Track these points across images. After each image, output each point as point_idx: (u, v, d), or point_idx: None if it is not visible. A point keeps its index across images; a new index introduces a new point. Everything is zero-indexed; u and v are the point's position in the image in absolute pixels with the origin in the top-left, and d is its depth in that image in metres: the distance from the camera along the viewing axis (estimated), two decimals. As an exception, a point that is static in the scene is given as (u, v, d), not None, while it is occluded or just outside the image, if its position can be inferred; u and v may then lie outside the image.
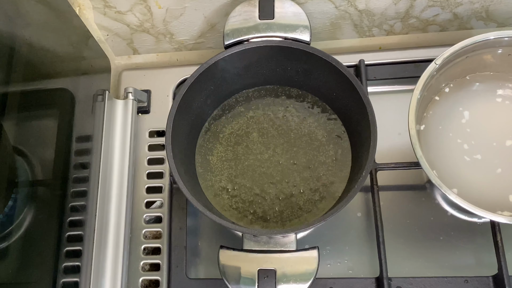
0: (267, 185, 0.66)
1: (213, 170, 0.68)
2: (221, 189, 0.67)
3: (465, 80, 0.68)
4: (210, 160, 0.69)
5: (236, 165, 0.68)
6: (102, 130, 0.71)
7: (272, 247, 0.60)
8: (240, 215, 0.65)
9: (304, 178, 0.66)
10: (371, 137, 0.58)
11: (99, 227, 0.67)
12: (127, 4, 0.73)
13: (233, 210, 0.66)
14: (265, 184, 0.66)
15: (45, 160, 0.61)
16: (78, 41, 0.72)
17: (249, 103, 0.71)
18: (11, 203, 0.54)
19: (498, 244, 0.63)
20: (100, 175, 0.69)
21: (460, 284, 0.63)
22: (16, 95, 0.54)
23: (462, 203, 0.57)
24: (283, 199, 0.65)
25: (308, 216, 0.64)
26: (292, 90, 0.71)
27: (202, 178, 0.68)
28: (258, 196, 0.66)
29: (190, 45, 0.83)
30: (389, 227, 0.67)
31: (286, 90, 0.71)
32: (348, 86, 0.61)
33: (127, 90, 0.75)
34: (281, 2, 0.68)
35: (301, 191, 0.66)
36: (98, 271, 0.65)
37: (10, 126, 0.54)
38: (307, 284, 0.58)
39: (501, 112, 0.66)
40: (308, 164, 0.67)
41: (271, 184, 0.66)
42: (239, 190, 0.67)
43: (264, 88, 0.72)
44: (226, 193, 0.67)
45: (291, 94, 0.71)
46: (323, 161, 0.67)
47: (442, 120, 0.67)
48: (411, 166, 0.66)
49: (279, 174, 0.67)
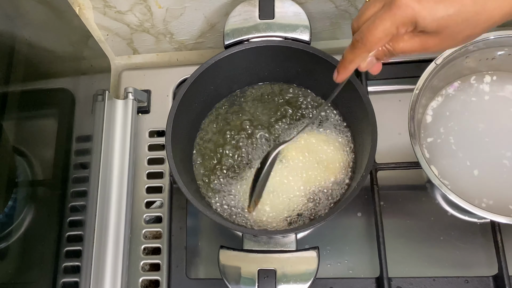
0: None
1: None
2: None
3: (465, 80, 0.68)
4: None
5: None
6: (102, 130, 0.71)
7: (272, 247, 0.60)
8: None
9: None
10: (371, 137, 0.58)
11: (99, 227, 0.67)
12: (127, 4, 0.73)
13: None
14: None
15: (45, 160, 0.61)
16: (78, 41, 0.72)
17: (249, 102, 0.71)
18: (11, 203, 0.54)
19: (498, 244, 0.63)
20: (100, 175, 0.69)
21: (460, 284, 0.63)
22: (16, 95, 0.54)
23: (462, 203, 0.57)
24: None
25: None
26: (292, 89, 0.71)
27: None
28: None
29: (190, 45, 0.83)
30: (389, 227, 0.67)
31: (287, 90, 0.71)
32: (348, 86, 0.61)
33: (127, 90, 0.75)
34: (281, 2, 0.68)
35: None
36: (98, 271, 0.65)
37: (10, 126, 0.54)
38: (307, 284, 0.58)
39: (502, 112, 0.66)
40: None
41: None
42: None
43: (264, 88, 0.72)
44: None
45: (291, 94, 0.71)
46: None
47: (442, 120, 0.67)
48: (411, 166, 0.66)
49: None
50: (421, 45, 0.43)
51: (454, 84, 0.68)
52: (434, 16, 0.40)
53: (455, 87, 0.68)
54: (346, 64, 0.47)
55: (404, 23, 0.41)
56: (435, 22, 0.40)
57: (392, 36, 0.43)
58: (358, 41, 0.44)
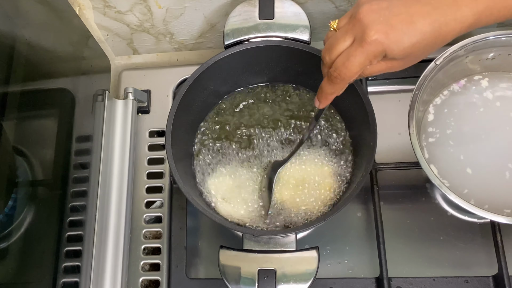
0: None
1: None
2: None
3: (465, 80, 0.68)
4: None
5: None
6: (102, 130, 0.71)
7: (272, 247, 0.59)
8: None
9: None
10: (371, 137, 0.58)
11: (99, 227, 0.67)
12: (127, 4, 0.73)
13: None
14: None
15: (45, 160, 0.61)
16: (78, 41, 0.72)
17: (249, 103, 0.71)
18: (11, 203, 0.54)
19: (498, 244, 0.63)
20: (100, 175, 0.69)
21: (460, 284, 0.63)
22: (16, 95, 0.54)
23: (462, 203, 0.57)
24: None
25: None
26: (292, 89, 0.71)
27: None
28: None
29: (190, 45, 0.83)
30: (389, 227, 0.67)
31: (287, 90, 0.71)
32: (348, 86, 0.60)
33: (127, 90, 0.75)
34: (281, 2, 0.68)
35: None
36: (98, 271, 0.65)
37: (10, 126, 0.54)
38: (307, 284, 0.58)
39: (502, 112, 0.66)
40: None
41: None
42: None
43: (264, 88, 0.72)
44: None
45: (291, 94, 0.71)
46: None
47: (442, 120, 0.67)
48: (411, 166, 0.66)
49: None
50: (388, 68, 0.49)
51: (454, 84, 0.68)
52: (400, 47, 0.45)
53: (455, 87, 0.68)
54: (328, 96, 0.52)
55: (375, 56, 0.46)
56: (402, 51, 0.46)
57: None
58: (337, 77, 0.49)
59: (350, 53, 0.47)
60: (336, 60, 0.48)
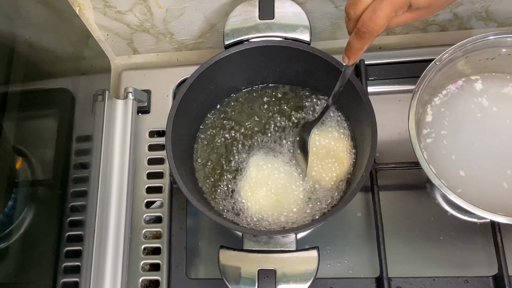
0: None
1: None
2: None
3: (465, 80, 0.68)
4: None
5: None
6: (102, 130, 0.71)
7: (272, 247, 0.60)
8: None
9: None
10: (371, 137, 0.58)
11: (99, 227, 0.67)
12: (127, 4, 0.73)
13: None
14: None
15: (45, 160, 0.61)
16: (78, 41, 0.72)
17: (249, 103, 0.71)
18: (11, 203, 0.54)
19: (498, 244, 0.63)
20: (100, 175, 0.69)
21: (460, 284, 0.63)
22: (16, 95, 0.54)
23: (462, 203, 0.57)
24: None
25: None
26: (292, 90, 0.71)
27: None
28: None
29: (190, 45, 0.83)
30: (389, 227, 0.67)
31: (287, 90, 0.71)
32: (348, 86, 0.61)
33: (127, 90, 0.75)
34: (281, 2, 0.68)
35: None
36: (98, 271, 0.65)
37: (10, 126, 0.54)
38: (307, 284, 0.58)
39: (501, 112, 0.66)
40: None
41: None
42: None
43: (264, 88, 0.72)
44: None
45: (291, 94, 0.71)
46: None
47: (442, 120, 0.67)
48: (411, 166, 0.66)
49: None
50: (413, 18, 0.49)
51: (454, 84, 0.68)
52: None
53: (455, 87, 0.68)
54: (357, 52, 0.52)
55: (401, 7, 0.47)
56: (426, 1, 0.47)
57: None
58: (365, 32, 0.48)
59: (376, 6, 0.47)
60: (363, 15, 0.48)
